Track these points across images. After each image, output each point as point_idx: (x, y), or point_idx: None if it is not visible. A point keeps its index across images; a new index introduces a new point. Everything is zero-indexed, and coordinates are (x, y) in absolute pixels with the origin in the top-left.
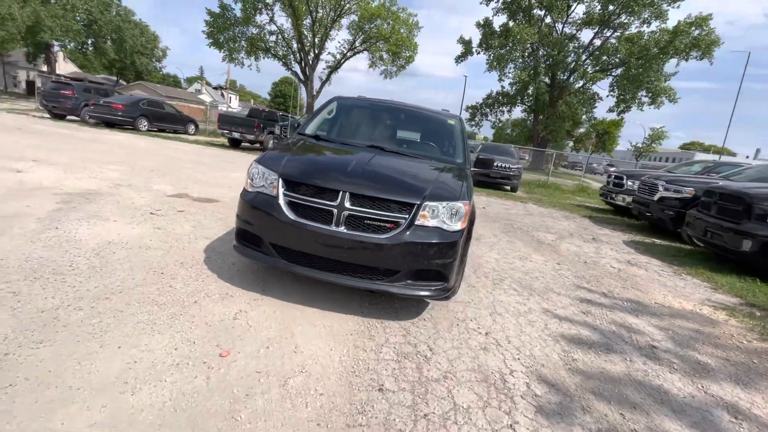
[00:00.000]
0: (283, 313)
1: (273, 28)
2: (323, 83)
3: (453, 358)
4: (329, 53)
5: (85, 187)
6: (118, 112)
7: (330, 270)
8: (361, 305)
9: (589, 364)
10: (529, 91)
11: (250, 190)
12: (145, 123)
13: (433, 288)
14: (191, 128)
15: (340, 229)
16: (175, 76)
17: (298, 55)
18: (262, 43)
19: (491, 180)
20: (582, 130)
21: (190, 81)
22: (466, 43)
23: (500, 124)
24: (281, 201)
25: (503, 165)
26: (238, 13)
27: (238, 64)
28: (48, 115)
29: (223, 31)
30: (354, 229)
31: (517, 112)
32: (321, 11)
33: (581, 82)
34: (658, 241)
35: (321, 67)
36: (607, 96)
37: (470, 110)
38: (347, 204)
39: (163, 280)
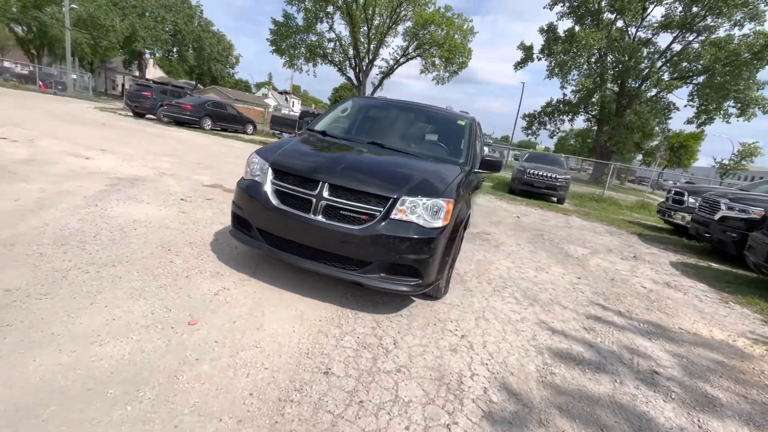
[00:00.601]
0: (262, 295)
1: (331, 35)
2: (375, 88)
3: (415, 354)
4: (383, 59)
5: (135, 174)
6: (187, 112)
7: (308, 257)
8: (342, 295)
9: (568, 380)
10: (594, 100)
11: (246, 178)
12: (209, 122)
13: (408, 283)
14: (249, 128)
15: (317, 217)
16: (246, 82)
17: (353, 61)
18: (320, 50)
19: (535, 190)
20: (655, 142)
21: (259, 86)
22: (527, 49)
23: (561, 134)
24: (268, 188)
25: (546, 174)
26: (300, 22)
27: (297, 69)
28: (131, 114)
29: (285, 38)
30: (331, 218)
31: (579, 122)
32: (378, 19)
33: (654, 91)
34: (714, 266)
35: (374, 72)
36: (685, 106)
37: (527, 118)
38: (326, 194)
39: (167, 256)
